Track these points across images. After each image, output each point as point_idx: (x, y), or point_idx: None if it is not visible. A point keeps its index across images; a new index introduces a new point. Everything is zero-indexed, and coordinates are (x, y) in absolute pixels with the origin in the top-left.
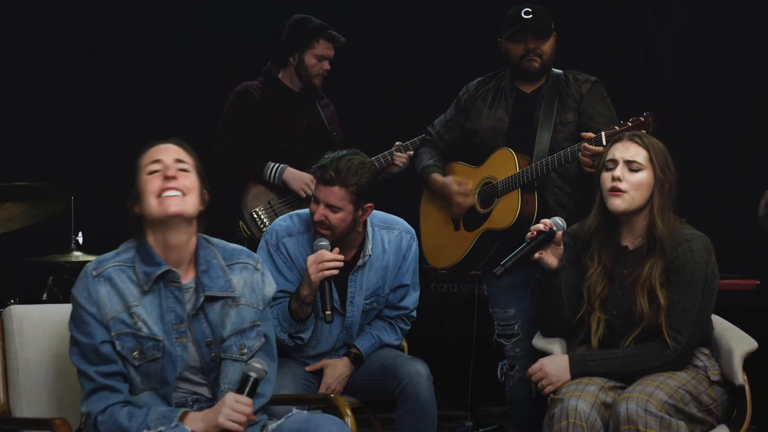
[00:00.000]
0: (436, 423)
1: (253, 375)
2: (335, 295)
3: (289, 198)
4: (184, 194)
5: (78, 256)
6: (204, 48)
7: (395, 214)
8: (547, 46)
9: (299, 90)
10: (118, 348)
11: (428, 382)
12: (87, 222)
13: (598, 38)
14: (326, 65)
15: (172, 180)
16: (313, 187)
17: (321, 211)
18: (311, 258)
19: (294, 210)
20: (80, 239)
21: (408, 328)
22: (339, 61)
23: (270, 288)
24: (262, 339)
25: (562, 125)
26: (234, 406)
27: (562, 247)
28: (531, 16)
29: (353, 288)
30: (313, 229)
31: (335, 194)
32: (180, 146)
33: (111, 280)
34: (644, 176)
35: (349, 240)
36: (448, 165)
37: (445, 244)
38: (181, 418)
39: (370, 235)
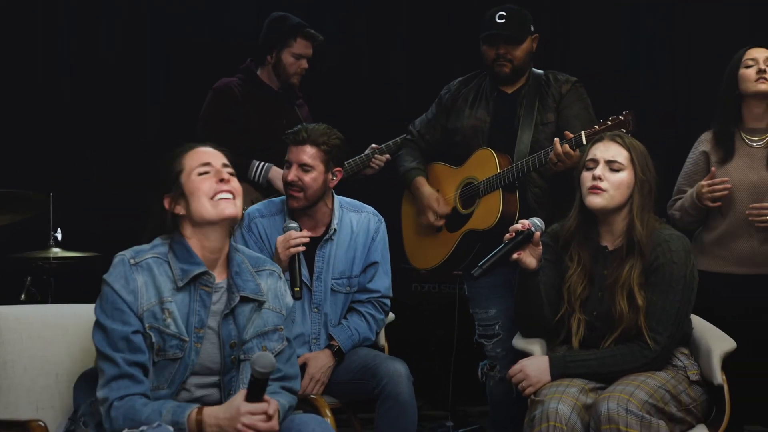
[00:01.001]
0: (416, 423)
1: (257, 376)
2: (304, 271)
3: (274, 197)
4: (235, 197)
5: (57, 252)
6: (183, 46)
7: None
8: (520, 52)
9: (278, 88)
10: (151, 340)
11: (408, 382)
12: (66, 219)
13: (577, 39)
14: (304, 64)
15: (226, 183)
16: None
17: (294, 172)
18: (280, 238)
19: None
20: (59, 236)
21: (382, 317)
22: (318, 60)
23: (290, 297)
24: (284, 342)
25: (543, 125)
26: (251, 423)
27: (540, 247)
28: (504, 20)
29: (320, 263)
30: (285, 210)
31: (307, 152)
32: (221, 151)
33: (150, 270)
34: (625, 176)
35: (319, 215)
36: (429, 165)
37: (426, 245)
38: (198, 413)
39: (337, 212)
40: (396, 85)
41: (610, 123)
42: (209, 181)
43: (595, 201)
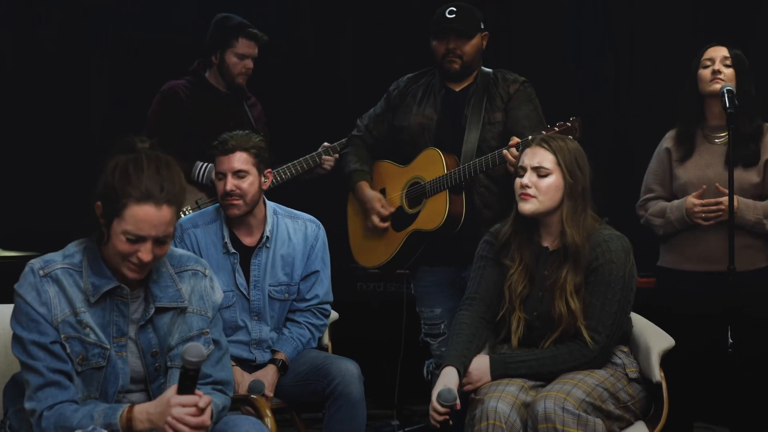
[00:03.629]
0: (365, 422)
1: (188, 366)
2: (241, 280)
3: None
4: (143, 271)
5: None
6: (127, 44)
7: (320, 213)
8: (469, 47)
9: (225, 89)
10: (68, 350)
11: (359, 382)
12: (6, 219)
13: (521, 40)
14: (249, 64)
15: (144, 258)
16: None
17: (230, 181)
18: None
19: None
20: None
21: (323, 323)
22: (266, 59)
23: (219, 294)
24: (211, 346)
25: (490, 125)
26: (180, 416)
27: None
28: (454, 16)
29: (256, 271)
30: (221, 218)
31: (239, 159)
32: (172, 209)
33: (59, 282)
34: (553, 180)
35: (254, 222)
36: (375, 163)
37: (372, 244)
38: (128, 411)
39: (270, 219)
40: (344, 81)
41: (557, 129)
42: (130, 248)
43: (525, 207)
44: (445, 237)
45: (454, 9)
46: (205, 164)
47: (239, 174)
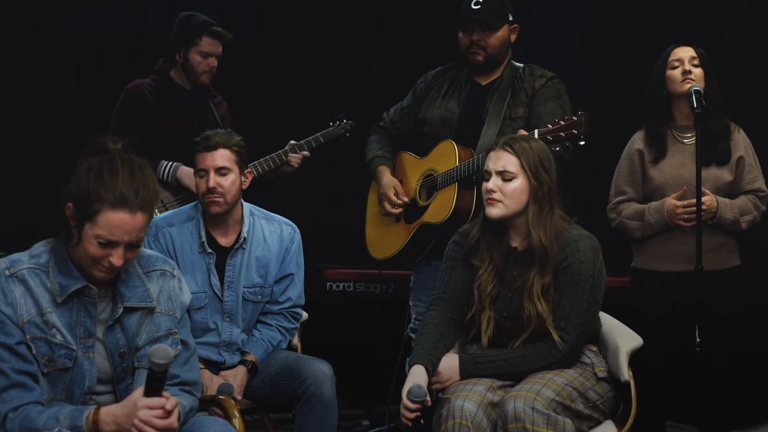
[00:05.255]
0: (336, 423)
1: (155, 368)
2: (215, 281)
3: (183, 196)
4: (112, 273)
5: None
6: (95, 41)
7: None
8: (494, 40)
9: (190, 88)
10: (33, 351)
11: (331, 382)
12: None
13: None
14: (213, 62)
15: (115, 262)
16: None
17: (213, 178)
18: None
19: None
20: None
21: (294, 326)
22: (234, 58)
23: (187, 294)
24: (179, 347)
25: (511, 120)
26: (147, 419)
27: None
28: (479, 7)
29: (231, 272)
30: (198, 217)
31: (223, 156)
32: (146, 216)
33: (25, 282)
34: (518, 184)
35: (231, 222)
36: (397, 154)
37: (385, 235)
38: (95, 413)
39: (247, 220)
40: (312, 80)
41: (563, 123)
42: (101, 252)
43: (492, 212)
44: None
45: (480, 0)
46: (170, 163)
47: (222, 171)
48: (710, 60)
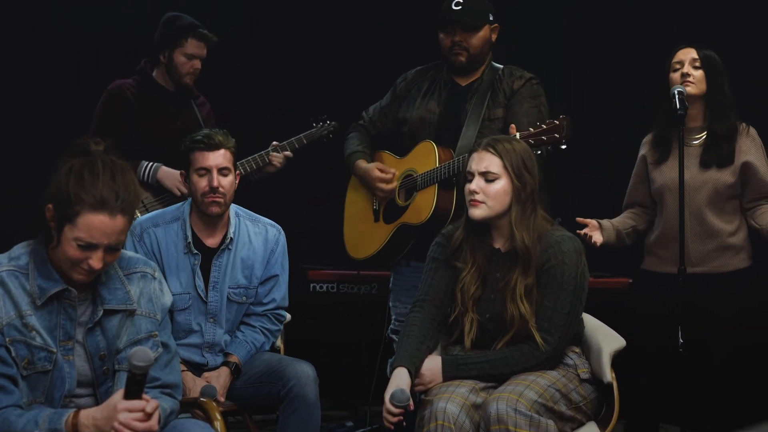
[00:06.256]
0: (319, 424)
1: (135, 371)
2: (199, 282)
3: (164, 196)
4: (91, 276)
5: None
6: (76, 40)
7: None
8: (476, 40)
9: (173, 89)
10: (13, 354)
11: (314, 384)
12: None
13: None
14: (197, 64)
15: (95, 265)
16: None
17: (216, 178)
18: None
19: None
20: None
21: (278, 328)
22: (216, 59)
23: (168, 296)
24: (160, 349)
25: (490, 121)
26: (127, 422)
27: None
28: (460, 8)
29: (216, 273)
30: (185, 217)
31: (224, 156)
32: (126, 218)
33: (4, 285)
34: (501, 185)
35: (219, 223)
36: (375, 153)
37: (364, 235)
38: (74, 417)
39: (233, 221)
40: (296, 81)
41: (545, 127)
42: (81, 254)
43: (475, 213)
44: (435, 233)
45: (461, 1)
46: (151, 164)
47: (223, 171)
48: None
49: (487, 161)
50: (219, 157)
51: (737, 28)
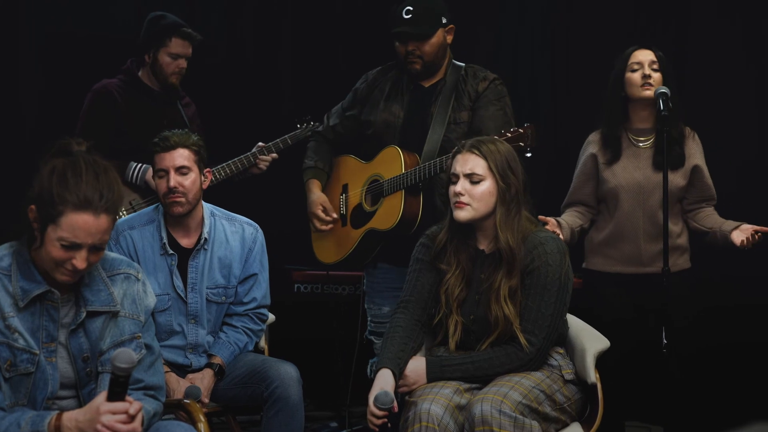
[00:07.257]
0: (303, 425)
1: (118, 373)
2: (179, 283)
3: (152, 198)
4: (75, 277)
5: None
6: (60, 39)
7: (256, 214)
8: (429, 47)
9: (159, 89)
10: None
11: (298, 385)
12: None
13: (458, 43)
14: (182, 63)
15: (78, 265)
16: None
17: (174, 178)
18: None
19: None
20: None
21: (260, 328)
22: (204, 59)
23: (151, 298)
24: (143, 350)
25: (455, 124)
26: (110, 424)
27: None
28: (411, 16)
29: (194, 274)
30: (159, 219)
31: (182, 155)
32: (110, 218)
33: None
34: (486, 186)
35: (192, 223)
36: (339, 158)
37: (331, 239)
38: (57, 419)
39: (208, 221)
40: (281, 82)
41: (509, 135)
42: (65, 254)
43: (460, 215)
44: (404, 237)
45: (411, 8)
46: (139, 165)
47: (182, 171)
48: (670, 62)
49: (471, 163)
50: (176, 157)
51: (723, 29)
